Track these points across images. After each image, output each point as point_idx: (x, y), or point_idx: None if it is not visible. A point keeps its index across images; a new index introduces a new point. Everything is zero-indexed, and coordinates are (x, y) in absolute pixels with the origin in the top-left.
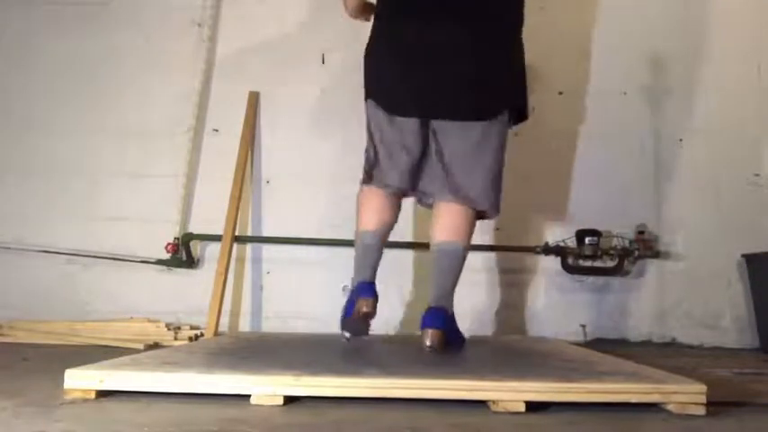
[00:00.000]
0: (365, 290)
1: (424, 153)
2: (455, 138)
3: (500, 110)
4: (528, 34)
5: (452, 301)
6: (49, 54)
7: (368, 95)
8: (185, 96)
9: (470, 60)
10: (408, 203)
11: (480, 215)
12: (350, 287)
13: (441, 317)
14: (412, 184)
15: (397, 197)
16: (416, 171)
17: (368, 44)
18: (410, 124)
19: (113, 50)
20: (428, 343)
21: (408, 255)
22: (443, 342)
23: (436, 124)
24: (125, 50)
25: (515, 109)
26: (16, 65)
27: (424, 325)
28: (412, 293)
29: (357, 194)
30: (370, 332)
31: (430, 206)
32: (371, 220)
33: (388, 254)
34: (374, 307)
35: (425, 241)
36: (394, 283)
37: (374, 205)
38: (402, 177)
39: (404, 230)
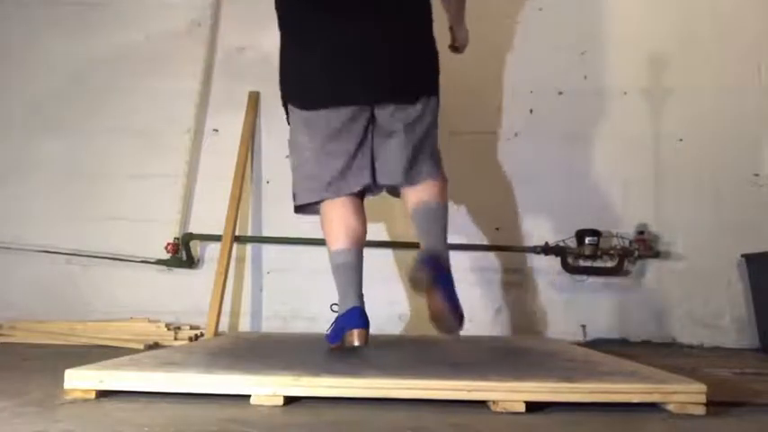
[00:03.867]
0: (354, 319)
1: (371, 146)
2: (398, 123)
3: (432, 90)
4: (528, 35)
5: (445, 250)
6: (49, 54)
7: (295, 101)
8: (185, 96)
9: (398, 47)
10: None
11: None
12: (337, 309)
13: (430, 260)
14: (372, 179)
15: (360, 200)
16: (369, 165)
17: (284, 47)
18: (350, 118)
19: (113, 50)
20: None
21: (403, 254)
22: (431, 275)
23: (378, 115)
24: (125, 50)
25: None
26: (17, 65)
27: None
28: (407, 293)
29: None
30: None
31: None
32: (342, 236)
33: (381, 254)
34: (366, 337)
35: (415, 241)
36: (389, 284)
37: (341, 218)
38: (360, 175)
39: (396, 230)
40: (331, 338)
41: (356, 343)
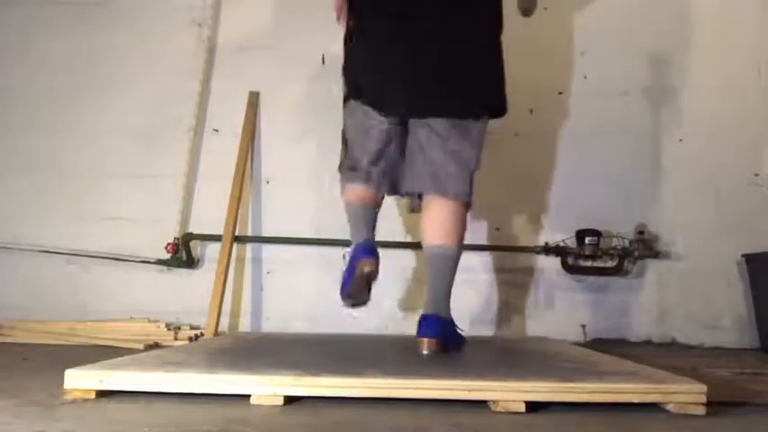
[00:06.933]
0: (365, 250)
1: (404, 150)
2: (439, 133)
3: (484, 110)
4: (530, 35)
5: (447, 304)
6: (49, 54)
7: (353, 96)
8: (185, 96)
9: (458, 60)
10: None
11: None
12: (349, 253)
13: (434, 324)
14: (395, 183)
15: (381, 198)
16: (399, 169)
17: (349, 46)
18: (395, 122)
19: (113, 50)
20: (424, 352)
21: (405, 254)
22: (439, 349)
23: (422, 121)
24: (125, 50)
25: (495, 107)
26: (16, 65)
27: (419, 334)
28: (410, 293)
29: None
30: (369, 332)
31: (419, 209)
32: (359, 197)
33: (385, 254)
34: (377, 266)
35: (419, 240)
36: (391, 284)
37: (360, 194)
38: (385, 175)
39: (398, 230)
40: (347, 278)
41: (366, 270)
